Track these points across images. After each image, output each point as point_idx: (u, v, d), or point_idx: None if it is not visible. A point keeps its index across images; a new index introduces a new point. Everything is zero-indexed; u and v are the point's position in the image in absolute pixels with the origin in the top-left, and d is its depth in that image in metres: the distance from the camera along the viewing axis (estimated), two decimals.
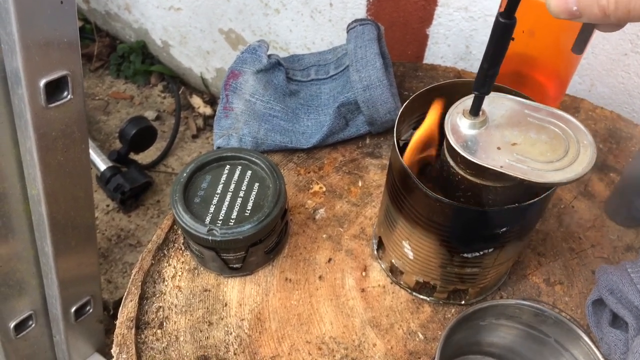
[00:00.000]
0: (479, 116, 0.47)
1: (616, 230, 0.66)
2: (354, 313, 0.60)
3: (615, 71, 0.87)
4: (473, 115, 0.47)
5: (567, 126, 0.47)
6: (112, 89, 1.73)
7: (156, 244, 0.64)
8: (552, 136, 0.47)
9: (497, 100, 0.49)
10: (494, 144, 0.46)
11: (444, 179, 0.50)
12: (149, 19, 1.66)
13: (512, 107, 0.49)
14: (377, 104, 0.71)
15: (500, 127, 0.47)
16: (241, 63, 0.75)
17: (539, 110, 0.48)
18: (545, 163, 0.45)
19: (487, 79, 0.43)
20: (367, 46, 0.72)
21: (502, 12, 0.39)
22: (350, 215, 0.68)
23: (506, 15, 0.38)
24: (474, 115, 0.47)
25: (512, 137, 0.47)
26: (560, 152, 0.45)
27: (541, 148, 0.46)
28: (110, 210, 1.40)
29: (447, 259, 0.54)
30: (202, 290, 0.61)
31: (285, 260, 0.64)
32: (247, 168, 0.63)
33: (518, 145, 0.46)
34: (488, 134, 0.47)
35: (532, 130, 0.47)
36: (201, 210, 0.59)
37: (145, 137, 1.38)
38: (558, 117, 0.48)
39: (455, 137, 0.47)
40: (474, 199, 0.50)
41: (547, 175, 0.44)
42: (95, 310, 0.97)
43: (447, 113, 0.49)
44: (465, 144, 0.46)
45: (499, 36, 0.40)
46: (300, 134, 0.74)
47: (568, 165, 0.44)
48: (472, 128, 0.47)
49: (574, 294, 0.61)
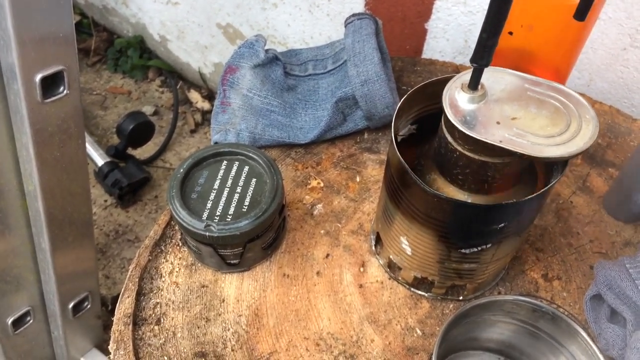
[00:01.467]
0: (477, 90, 0.45)
1: (615, 225, 0.66)
2: (352, 309, 0.59)
3: (614, 66, 0.87)
4: (472, 89, 0.45)
5: (568, 100, 0.46)
6: (110, 84, 1.72)
7: (153, 240, 0.64)
8: (553, 110, 0.45)
9: (497, 74, 0.48)
10: (494, 118, 0.45)
11: (442, 156, 0.49)
12: (146, 14, 1.65)
13: (512, 81, 0.48)
14: (375, 98, 0.71)
15: (500, 101, 0.46)
16: (238, 58, 0.75)
17: (540, 85, 0.47)
18: (546, 137, 0.43)
19: (486, 49, 0.42)
20: (365, 40, 0.72)
21: None
22: (348, 211, 0.68)
23: None
24: (472, 89, 0.45)
25: (512, 111, 0.45)
26: (562, 127, 0.44)
27: (542, 122, 0.44)
28: (108, 205, 1.40)
29: (445, 254, 0.54)
30: (200, 286, 0.61)
31: (283, 256, 0.64)
32: (245, 163, 0.62)
33: (518, 120, 0.45)
34: (487, 108, 0.45)
35: (533, 104, 0.46)
36: (198, 206, 0.58)
37: (143, 132, 1.37)
38: (559, 92, 0.47)
39: (454, 111, 0.45)
40: (473, 177, 0.49)
41: (548, 149, 0.42)
42: (93, 306, 0.97)
43: (445, 87, 0.47)
44: (463, 118, 0.44)
45: (499, 3, 0.39)
46: (298, 129, 0.73)
47: (569, 139, 0.43)
48: (471, 102, 0.45)
49: (572, 289, 0.61)
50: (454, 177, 0.51)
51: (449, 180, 0.52)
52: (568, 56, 0.67)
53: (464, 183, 0.51)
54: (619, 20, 0.81)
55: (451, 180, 0.52)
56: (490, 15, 0.40)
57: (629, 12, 0.80)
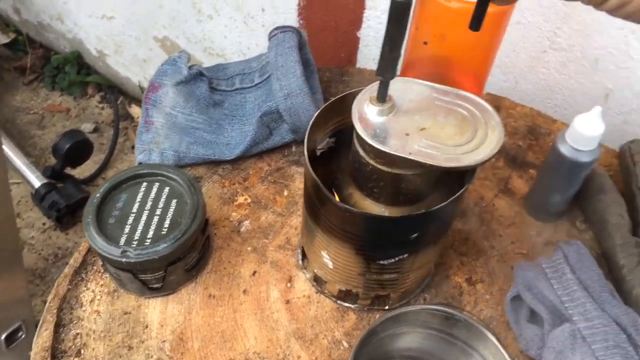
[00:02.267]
0: (386, 102, 0.46)
1: (535, 226, 0.68)
2: (279, 326, 0.59)
3: (536, 68, 0.89)
4: (380, 101, 0.46)
5: (475, 108, 0.47)
6: (47, 102, 1.67)
7: (73, 268, 0.62)
8: (460, 119, 0.46)
9: (405, 85, 0.49)
10: (403, 130, 0.45)
11: (357, 169, 0.49)
12: (82, 29, 1.61)
13: (421, 91, 0.48)
14: (299, 112, 0.71)
15: (409, 112, 0.46)
16: (161, 75, 0.74)
17: (447, 94, 0.48)
18: (454, 147, 0.44)
19: (390, 62, 0.42)
20: (288, 54, 0.72)
21: None
22: (275, 226, 0.67)
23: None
24: (380, 101, 0.46)
25: (421, 121, 0.46)
26: (469, 135, 0.45)
27: (450, 132, 0.45)
28: (47, 228, 1.36)
29: (364, 266, 0.54)
30: (122, 313, 0.60)
31: (208, 276, 0.63)
32: (165, 184, 0.61)
33: (427, 130, 0.45)
34: (396, 120, 0.46)
35: (441, 113, 0.46)
36: (116, 231, 0.57)
37: (80, 151, 1.34)
38: (466, 99, 0.47)
39: (363, 125, 0.45)
40: (387, 189, 0.49)
41: (457, 158, 0.43)
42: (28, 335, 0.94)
43: (354, 101, 0.47)
44: (373, 132, 0.45)
45: (397, 17, 0.39)
46: (224, 145, 0.73)
47: (476, 147, 0.44)
48: (380, 115, 0.46)
49: (494, 292, 0.62)
50: (369, 191, 0.52)
51: (365, 194, 0.53)
52: (483, 61, 0.68)
53: (380, 196, 0.51)
54: (538, 23, 0.84)
55: (367, 193, 0.52)
56: (389, 28, 0.40)
57: (546, 16, 0.83)
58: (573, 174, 0.61)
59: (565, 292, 0.54)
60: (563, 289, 0.54)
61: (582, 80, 0.86)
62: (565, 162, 0.60)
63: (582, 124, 0.58)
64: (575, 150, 0.59)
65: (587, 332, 0.51)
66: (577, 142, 0.59)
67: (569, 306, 0.53)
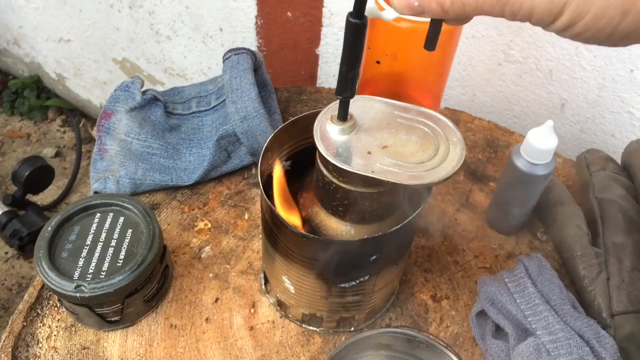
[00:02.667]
0: (347, 121, 0.45)
1: (497, 238, 0.68)
2: (243, 354, 0.58)
3: (493, 80, 0.90)
4: (341, 120, 0.45)
5: (436, 124, 0.47)
6: (7, 128, 1.63)
7: (28, 304, 0.60)
8: (422, 136, 0.46)
9: (366, 103, 0.48)
10: (365, 148, 0.45)
11: (320, 188, 0.49)
12: (40, 52, 1.58)
13: (382, 109, 0.48)
14: (256, 134, 0.70)
15: (371, 130, 0.46)
16: (114, 102, 0.72)
17: (409, 111, 0.48)
18: (416, 164, 0.44)
19: (348, 82, 0.42)
20: (242, 76, 0.71)
21: (351, 12, 0.38)
22: (237, 251, 0.66)
23: (355, 15, 0.38)
24: (342, 120, 0.45)
25: (383, 139, 0.45)
26: (431, 152, 0.45)
27: (412, 149, 0.45)
28: (10, 257, 1.32)
29: (326, 290, 0.53)
30: (81, 348, 0.58)
31: (169, 306, 0.61)
32: (119, 214, 0.60)
33: (389, 148, 0.45)
34: (358, 138, 0.46)
35: (402, 131, 0.46)
36: (69, 265, 0.55)
37: (41, 177, 1.30)
38: (427, 116, 0.47)
39: (325, 144, 0.45)
40: (352, 207, 0.48)
41: (419, 176, 0.43)
42: None
43: (316, 120, 0.47)
44: (335, 150, 0.44)
45: (352, 36, 0.39)
46: (182, 170, 0.72)
47: (439, 164, 0.44)
48: (342, 134, 0.45)
49: (459, 307, 0.62)
50: (334, 209, 0.51)
51: (330, 212, 0.52)
52: (437, 77, 0.69)
53: (345, 214, 0.51)
54: (491, 37, 0.85)
55: (332, 212, 0.52)
56: (346, 48, 0.40)
57: (499, 30, 0.84)
58: (530, 187, 0.62)
59: (527, 306, 0.54)
60: (525, 302, 0.55)
61: (538, 91, 0.87)
62: (522, 176, 0.60)
63: (536, 138, 0.59)
64: (530, 164, 0.60)
65: (550, 345, 0.51)
66: (531, 156, 0.59)
67: (532, 320, 0.53)
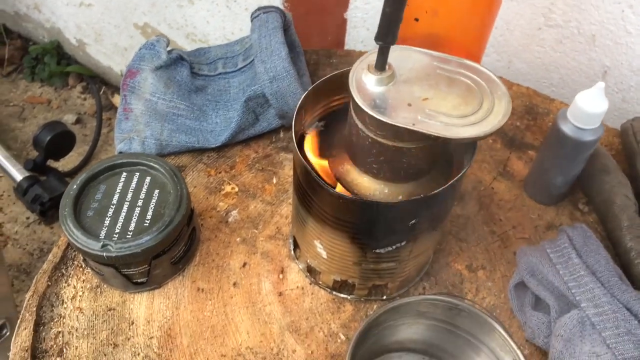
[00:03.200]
0: (385, 71, 0.42)
1: (536, 209, 0.65)
2: (272, 319, 0.56)
3: (531, 46, 0.86)
4: (379, 69, 0.42)
5: (479, 77, 0.44)
6: (28, 94, 1.62)
7: (52, 263, 0.59)
8: (464, 89, 0.43)
9: (404, 53, 0.45)
10: (404, 100, 0.42)
11: (354, 144, 0.46)
12: (60, 17, 1.56)
13: (421, 60, 0.45)
14: (285, 95, 0.67)
15: (409, 81, 0.43)
16: (139, 60, 0.70)
17: (449, 62, 0.45)
18: (459, 118, 0.41)
19: (391, 25, 0.39)
20: (272, 35, 0.68)
21: None
22: (265, 215, 0.64)
23: None
24: (380, 69, 0.42)
25: (423, 91, 0.43)
26: (475, 105, 0.42)
27: (454, 102, 0.42)
28: (31, 222, 1.32)
29: (360, 256, 0.51)
30: (106, 309, 0.56)
31: (196, 269, 0.60)
32: (146, 174, 0.58)
33: (429, 100, 0.42)
34: (397, 90, 0.43)
35: (443, 83, 0.43)
36: (95, 224, 0.54)
37: (62, 142, 1.29)
38: (469, 68, 0.44)
39: (362, 95, 0.42)
40: (387, 164, 0.46)
41: (462, 130, 0.40)
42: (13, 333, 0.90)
43: (351, 69, 0.44)
44: (372, 102, 0.41)
45: None
46: (208, 132, 0.69)
47: (483, 118, 0.41)
48: (379, 84, 0.42)
49: (496, 279, 0.60)
50: (368, 167, 0.48)
51: (364, 170, 0.49)
52: (477, 38, 0.65)
53: (379, 172, 0.48)
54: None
55: (366, 169, 0.49)
56: None
57: None
58: (576, 154, 0.59)
59: (572, 277, 0.52)
60: (569, 274, 0.52)
61: (579, 58, 0.83)
62: (568, 142, 0.57)
63: (585, 101, 0.55)
64: (577, 129, 0.57)
65: (596, 318, 0.49)
66: (579, 120, 0.56)
67: (576, 292, 0.51)
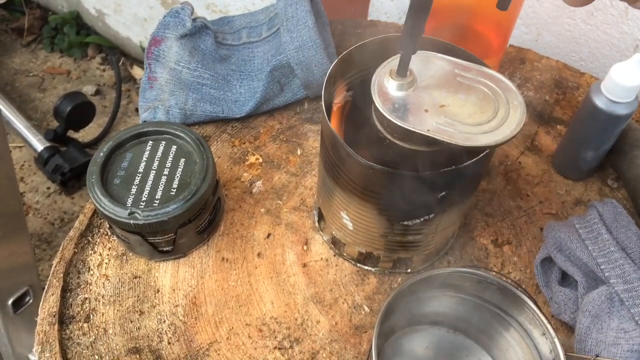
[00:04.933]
0: (406, 77, 0.44)
1: (564, 184, 0.64)
2: (296, 290, 0.56)
3: (561, 19, 0.84)
4: (400, 75, 0.44)
5: (497, 86, 0.45)
6: (47, 64, 1.62)
7: (79, 231, 0.59)
8: (481, 97, 0.44)
9: (426, 59, 0.47)
10: (422, 106, 0.44)
11: (374, 144, 0.47)
12: None
13: (442, 67, 0.46)
14: (311, 65, 0.66)
15: (429, 88, 0.45)
16: (163, 28, 0.69)
17: (470, 70, 0.46)
18: (473, 125, 0.43)
19: (412, 37, 0.40)
20: (298, 3, 0.67)
21: None
22: (289, 187, 0.64)
23: None
24: (401, 75, 0.44)
25: (441, 98, 0.44)
26: (490, 114, 0.43)
27: (470, 110, 0.44)
28: (52, 192, 1.33)
29: (387, 228, 0.51)
30: (132, 277, 0.57)
31: (221, 239, 0.60)
32: (172, 143, 0.58)
33: (447, 107, 0.44)
34: (416, 95, 0.44)
35: (462, 91, 0.45)
36: (122, 192, 0.54)
37: (82, 113, 1.30)
38: (488, 77, 0.46)
39: (382, 99, 0.44)
40: (403, 165, 0.47)
41: (475, 138, 0.42)
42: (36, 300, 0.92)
43: (374, 74, 0.45)
44: (392, 106, 0.43)
45: None
46: (233, 102, 0.69)
47: (497, 127, 0.43)
48: (400, 89, 0.44)
49: (522, 254, 0.59)
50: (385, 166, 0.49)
51: None
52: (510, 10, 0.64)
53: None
54: None
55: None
56: (414, 2, 0.38)
57: None
58: (608, 128, 0.57)
59: (601, 253, 0.51)
60: (599, 250, 0.51)
61: (610, 31, 0.81)
62: (601, 115, 0.56)
63: (620, 74, 0.54)
64: (611, 102, 0.55)
65: (625, 295, 0.48)
66: (613, 94, 0.55)
67: (605, 268, 0.50)
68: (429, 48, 0.48)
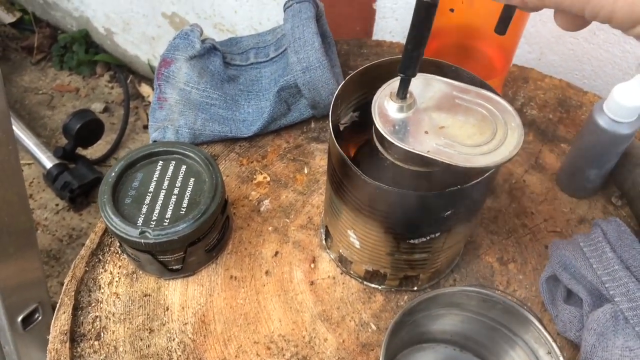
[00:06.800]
0: (406, 99, 0.45)
1: (569, 202, 0.65)
2: (304, 308, 0.57)
3: (564, 38, 0.85)
4: (400, 98, 0.45)
5: (495, 108, 0.46)
6: (56, 82, 1.65)
7: (90, 249, 0.60)
8: (480, 118, 0.45)
9: (426, 81, 0.48)
10: (422, 127, 0.45)
11: (375, 164, 0.48)
12: (89, 6, 1.58)
13: (441, 89, 0.48)
14: (318, 86, 0.68)
15: (429, 109, 0.46)
16: (173, 50, 0.70)
17: (468, 92, 0.47)
18: (472, 147, 0.43)
19: (412, 60, 0.41)
20: (305, 25, 0.68)
21: None
22: (296, 205, 0.65)
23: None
24: (401, 98, 0.45)
25: (440, 120, 0.45)
26: (488, 135, 0.44)
27: (469, 131, 0.44)
28: (60, 209, 1.34)
29: (393, 246, 0.52)
30: (142, 295, 0.58)
31: (229, 257, 0.61)
32: (182, 162, 0.59)
33: (446, 129, 0.45)
34: (416, 117, 0.45)
35: (461, 112, 0.46)
36: (133, 212, 0.55)
37: (91, 130, 1.32)
38: (487, 99, 0.47)
39: (383, 121, 0.45)
40: (407, 185, 0.48)
41: (474, 159, 0.43)
42: (45, 317, 0.93)
43: (375, 96, 0.46)
44: (392, 128, 0.44)
45: (422, 17, 0.38)
46: (241, 122, 0.70)
47: (495, 148, 0.43)
48: (400, 111, 0.45)
49: (527, 272, 0.60)
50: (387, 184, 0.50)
51: None
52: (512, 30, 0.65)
53: None
54: None
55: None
56: (414, 27, 0.39)
57: None
58: (611, 147, 0.58)
59: (605, 271, 0.51)
60: (603, 268, 0.52)
61: (612, 50, 0.82)
62: (603, 135, 0.57)
63: (622, 94, 0.55)
64: (614, 122, 0.56)
65: (630, 313, 0.49)
66: (616, 114, 0.55)
67: (610, 286, 0.51)
68: (431, 69, 0.49)
